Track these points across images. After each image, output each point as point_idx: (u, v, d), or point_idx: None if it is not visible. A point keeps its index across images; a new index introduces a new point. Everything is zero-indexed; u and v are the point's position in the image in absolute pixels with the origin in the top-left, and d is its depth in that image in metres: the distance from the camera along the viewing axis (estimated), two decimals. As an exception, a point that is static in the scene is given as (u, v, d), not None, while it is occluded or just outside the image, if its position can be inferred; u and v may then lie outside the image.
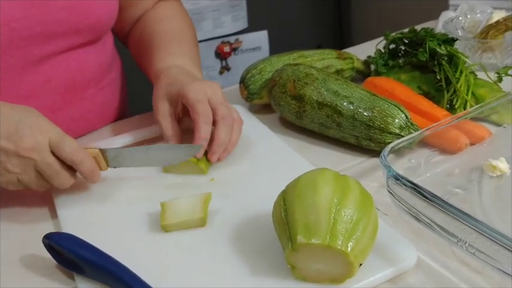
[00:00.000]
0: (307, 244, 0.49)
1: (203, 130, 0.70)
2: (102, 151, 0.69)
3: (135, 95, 1.08)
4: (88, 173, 0.67)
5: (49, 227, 0.67)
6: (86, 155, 0.66)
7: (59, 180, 0.65)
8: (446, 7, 1.26)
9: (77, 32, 0.82)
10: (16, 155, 0.62)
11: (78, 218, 0.66)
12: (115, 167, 0.70)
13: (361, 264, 0.51)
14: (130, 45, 0.99)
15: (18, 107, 0.65)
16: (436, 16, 1.21)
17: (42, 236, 0.58)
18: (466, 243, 0.51)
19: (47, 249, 0.58)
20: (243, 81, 0.90)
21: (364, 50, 1.02)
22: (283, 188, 0.56)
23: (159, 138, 0.79)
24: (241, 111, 0.87)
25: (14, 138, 0.62)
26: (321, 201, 0.50)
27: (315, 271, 0.51)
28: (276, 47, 2.06)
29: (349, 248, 0.49)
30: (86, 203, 0.69)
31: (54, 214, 0.69)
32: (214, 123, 0.72)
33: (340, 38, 2.26)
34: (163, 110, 0.75)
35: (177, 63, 0.82)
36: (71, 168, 0.66)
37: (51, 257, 0.58)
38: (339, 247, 0.49)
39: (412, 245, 0.56)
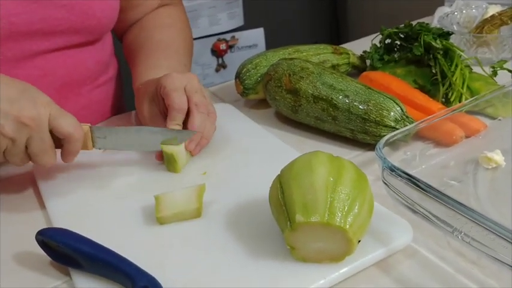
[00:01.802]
0: (306, 223, 0.50)
1: (176, 118, 0.71)
2: (92, 129, 0.68)
3: (132, 93, 1.08)
4: (76, 152, 0.66)
5: (40, 222, 0.66)
6: (81, 133, 0.66)
7: (45, 158, 0.65)
8: (441, 3, 1.26)
9: (76, 32, 0.82)
10: (16, 120, 0.61)
11: (69, 212, 0.66)
12: (100, 149, 0.70)
13: (359, 241, 0.52)
14: (124, 46, 0.99)
15: (19, 81, 0.65)
16: (432, 12, 1.22)
17: (35, 232, 0.57)
18: (461, 232, 0.51)
19: (40, 245, 0.57)
20: (238, 76, 0.90)
21: (360, 46, 1.02)
22: (275, 177, 0.56)
23: None
24: (228, 108, 0.89)
25: (16, 105, 0.61)
26: (317, 181, 0.51)
27: (314, 251, 0.52)
28: (273, 44, 2.05)
29: (347, 225, 0.50)
30: (75, 196, 0.69)
31: (43, 207, 0.68)
32: (189, 111, 0.73)
33: (336, 34, 2.26)
34: (150, 113, 0.77)
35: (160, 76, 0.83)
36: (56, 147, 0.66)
37: (44, 253, 0.57)
38: (337, 224, 0.49)
39: (406, 221, 0.57)
